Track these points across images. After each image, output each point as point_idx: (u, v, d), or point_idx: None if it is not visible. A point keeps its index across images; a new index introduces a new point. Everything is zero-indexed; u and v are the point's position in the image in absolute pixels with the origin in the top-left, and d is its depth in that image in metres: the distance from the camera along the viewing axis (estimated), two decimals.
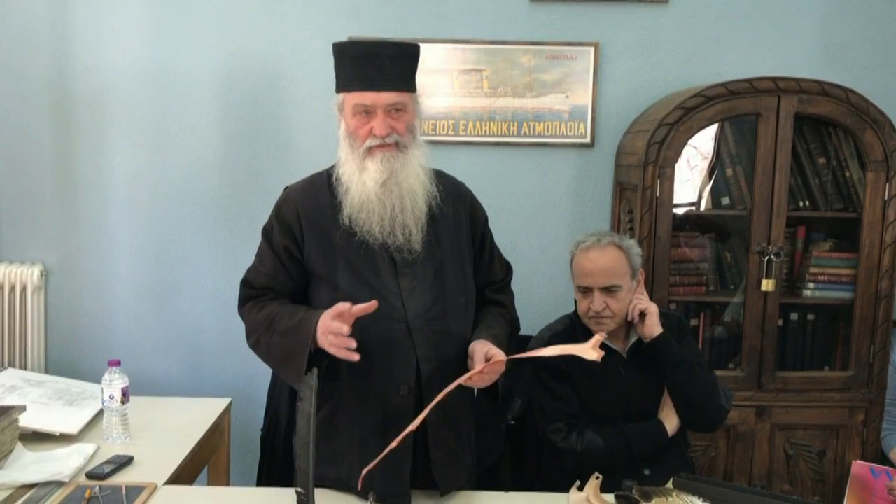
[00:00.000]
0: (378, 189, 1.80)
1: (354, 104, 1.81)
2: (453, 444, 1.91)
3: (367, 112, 1.81)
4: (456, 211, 1.94)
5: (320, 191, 1.90)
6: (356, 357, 1.67)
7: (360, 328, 1.70)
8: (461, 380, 1.70)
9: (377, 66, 1.80)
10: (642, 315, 2.16)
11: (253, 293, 1.93)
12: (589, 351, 1.68)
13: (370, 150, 1.81)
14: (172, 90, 3.02)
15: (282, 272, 1.90)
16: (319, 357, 1.76)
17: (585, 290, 2.18)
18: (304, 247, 1.88)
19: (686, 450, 2.27)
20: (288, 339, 1.80)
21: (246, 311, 1.93)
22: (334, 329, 1.67)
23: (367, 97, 1.79)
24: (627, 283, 2.17)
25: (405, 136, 1.84)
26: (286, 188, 1.97)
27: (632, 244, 2.23)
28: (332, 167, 1.92)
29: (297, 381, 1.78)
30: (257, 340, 1.88)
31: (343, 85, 1.84)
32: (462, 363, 1.87)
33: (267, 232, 1.94)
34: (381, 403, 1.82)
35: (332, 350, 1.69)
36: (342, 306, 1.69)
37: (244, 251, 3.10)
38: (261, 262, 1.94)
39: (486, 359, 1.73)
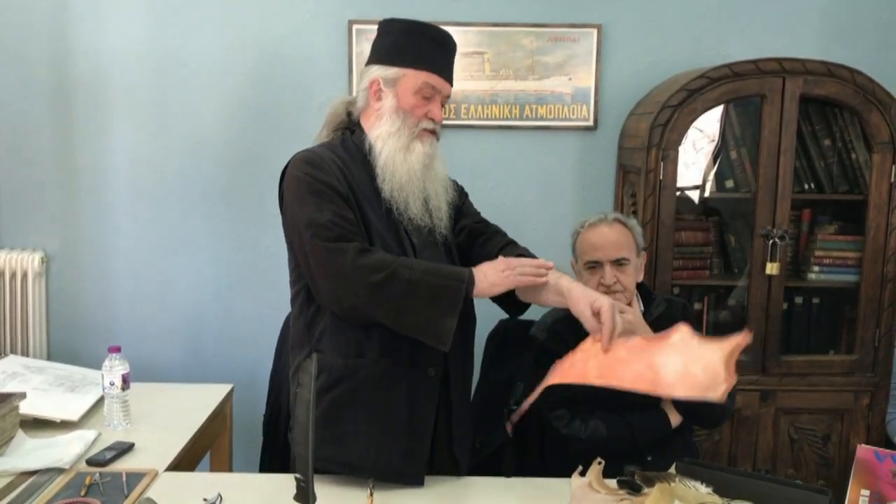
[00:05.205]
0: (421, 171, 1.82)
1: (424, 82, 1.80)
2: (468, 422, 1.94)
3: (429, 95, 1.81)
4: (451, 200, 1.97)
5: (347, 161, 1.82)
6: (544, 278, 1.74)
7: None
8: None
9: (447, 55, 1.85)
10: None
11: (351, 233, 1.72)
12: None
13: (422, 133, 1.82)
14: (173, 74, 3.00)
15: (361, 227, 1.75)
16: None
17: (594, 266, 2.15)
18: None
19: (690, 435, 2.25)
20: (435, 276, 1.68)
21: (353, 252, 1.67)
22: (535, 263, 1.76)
23: (439, 81, 1.82)
24: (634, 259, 2.16)
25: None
26: (303, 154, 1.82)
27: (635, 223, 2.25)
28: (347, 139, 1.87)
29: (445, 319, 1.65)
30: (392, 273, 1.65)
31: (413, 62, 1.80)
32: (471, 345, 1.92)
33: (320, 180, 1.73)
34: (407, 384, 1.78)
35: (524, 279, 1.73)
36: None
37: (246, 237, 3.09)
38: (338, 209, 1.72)
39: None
